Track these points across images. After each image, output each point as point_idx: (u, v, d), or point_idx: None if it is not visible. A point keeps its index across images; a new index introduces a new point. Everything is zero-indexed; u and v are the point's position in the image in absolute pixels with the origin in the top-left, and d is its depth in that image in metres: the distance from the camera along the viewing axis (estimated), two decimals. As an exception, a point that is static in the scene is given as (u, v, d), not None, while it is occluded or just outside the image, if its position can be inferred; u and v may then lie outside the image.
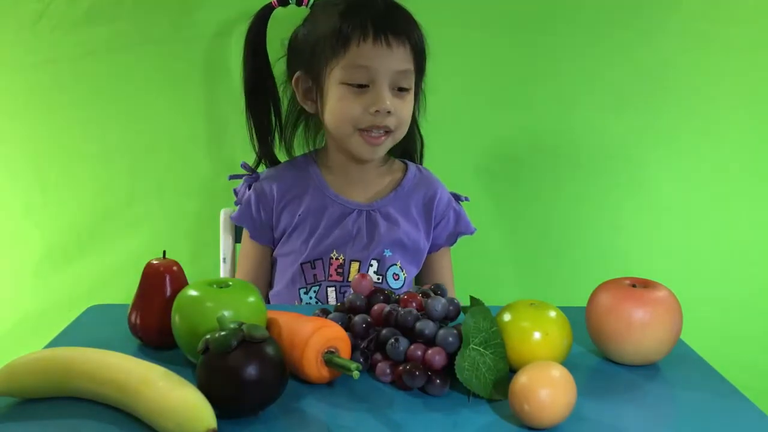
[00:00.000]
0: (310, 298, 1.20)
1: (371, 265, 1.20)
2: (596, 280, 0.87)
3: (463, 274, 1.49)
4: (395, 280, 1.21)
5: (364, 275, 0.86)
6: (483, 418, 0.70)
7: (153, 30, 1.41)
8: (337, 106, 1.14)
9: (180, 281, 0.84)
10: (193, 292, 0.78)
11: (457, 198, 1.30)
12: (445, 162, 1.42)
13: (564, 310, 0.80)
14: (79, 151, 1.45)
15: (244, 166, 1.28)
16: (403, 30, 1.14)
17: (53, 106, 1.43)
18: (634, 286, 0.83)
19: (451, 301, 0.81)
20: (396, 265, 1.22)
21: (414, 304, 0.81)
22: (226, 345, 0.67)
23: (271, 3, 1.25)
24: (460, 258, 1.42)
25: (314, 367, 0.74)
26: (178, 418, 0.64)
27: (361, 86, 1.13)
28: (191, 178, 1.47)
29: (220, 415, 0.65)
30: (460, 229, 1.28)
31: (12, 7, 1.39)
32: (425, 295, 0.84)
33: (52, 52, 1.41)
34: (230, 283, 0.80)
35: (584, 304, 0.85)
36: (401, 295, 0.83)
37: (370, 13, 1.12)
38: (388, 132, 1.15)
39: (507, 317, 0.78)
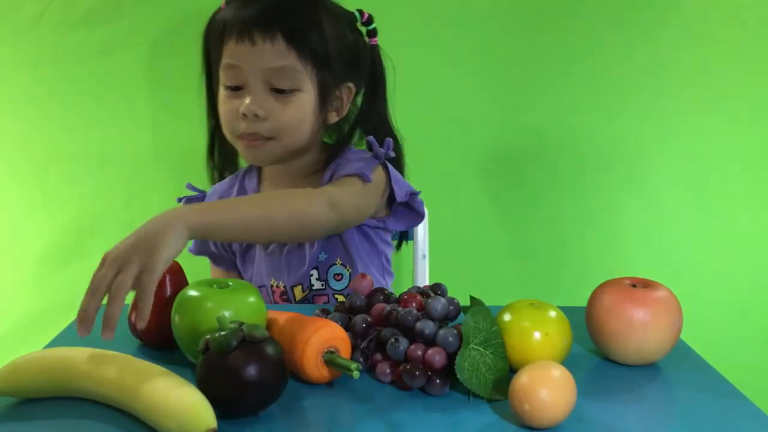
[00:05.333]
0: None
1: (311, 275, 1.11)
2: (596, 280, 0.87)
3: (463, 274, 1.49)
4: (337, 280, 1.11)
5: (364, 275, 0.86)
6: (483, 418, 0.70)
7: (152, 30, 1.41)
8: (220, 110, 1.06)
9: (180, 281, 0.84)
10: (193, 292, 0.78)
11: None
12: (445, 162, 1.41)
13: (564, 310, 0.80)
14: (79, 151, 1.45)
15: (189, 186, 1.18)
16: (277, 23, 1.00)
17: (53, 106, 1.44)
18: (634, 286, 0.83)
19: (451, 301, 0.81)
20: (336, 263, 1.11)
21: (414, 304, 0.81)
22: (226, 345, 0.67)
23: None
24: (460, 258, 1.42)
25: (314, 367, 0.74)
26: (178, 418, 0.64)
27: (236, 89, 1.03)
28: (191, 178, 1.47)
29: (220, 415, 0.65)
30: (348, 168, 1.05)
31: (12, 7, 1.40)
32: (425, 295, 0.84)
33: (52, 52, 1.41)
34: (230, 283, 0.80)
35: (584, 304, 0.85)
36: (401, 295, 0.83)
37: (254, 7, 1.01)
38: (268, 138, 1.04)
39: (507, 317, 0.78)
